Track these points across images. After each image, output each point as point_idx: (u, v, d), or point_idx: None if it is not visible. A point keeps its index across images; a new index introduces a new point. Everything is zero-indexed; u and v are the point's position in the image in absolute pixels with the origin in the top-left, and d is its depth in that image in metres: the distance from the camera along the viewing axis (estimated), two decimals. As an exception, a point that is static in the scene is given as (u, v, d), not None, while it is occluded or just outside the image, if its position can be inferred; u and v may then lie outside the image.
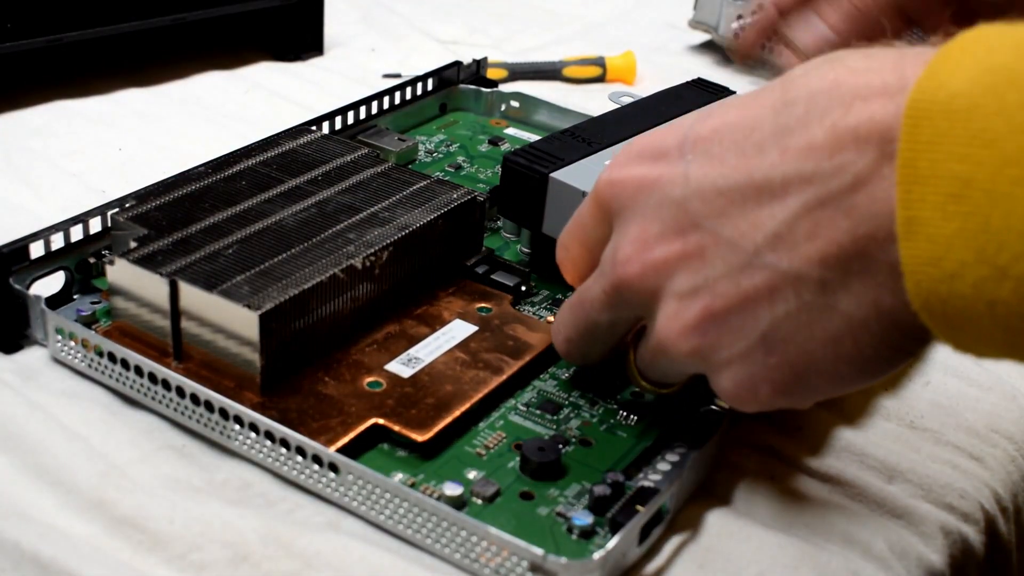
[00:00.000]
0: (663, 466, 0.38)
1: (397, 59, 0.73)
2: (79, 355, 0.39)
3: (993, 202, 0.26)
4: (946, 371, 0.45)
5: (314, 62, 0.72)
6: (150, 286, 0.38)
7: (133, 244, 0.39)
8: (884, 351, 0.31)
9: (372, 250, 0.40)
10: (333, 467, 0.35)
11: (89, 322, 0.41)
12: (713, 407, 0.40)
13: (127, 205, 0.42)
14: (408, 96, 0.58)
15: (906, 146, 0.27)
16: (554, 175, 0.44)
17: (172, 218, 0.41)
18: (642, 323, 0.36)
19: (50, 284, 0.42)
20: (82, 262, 0.43)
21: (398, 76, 0.69)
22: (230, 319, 0.37)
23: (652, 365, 0.37)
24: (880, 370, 0.31)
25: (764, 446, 0.40)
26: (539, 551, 0.32)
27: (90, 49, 0.63)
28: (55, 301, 0.42)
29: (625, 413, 0.39)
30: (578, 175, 0.44)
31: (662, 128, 0.34)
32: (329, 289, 0.38)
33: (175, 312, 0.38)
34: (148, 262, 0.38)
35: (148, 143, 0.59)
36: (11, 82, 0.62)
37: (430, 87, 0.59)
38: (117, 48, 0.66)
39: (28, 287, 0.41)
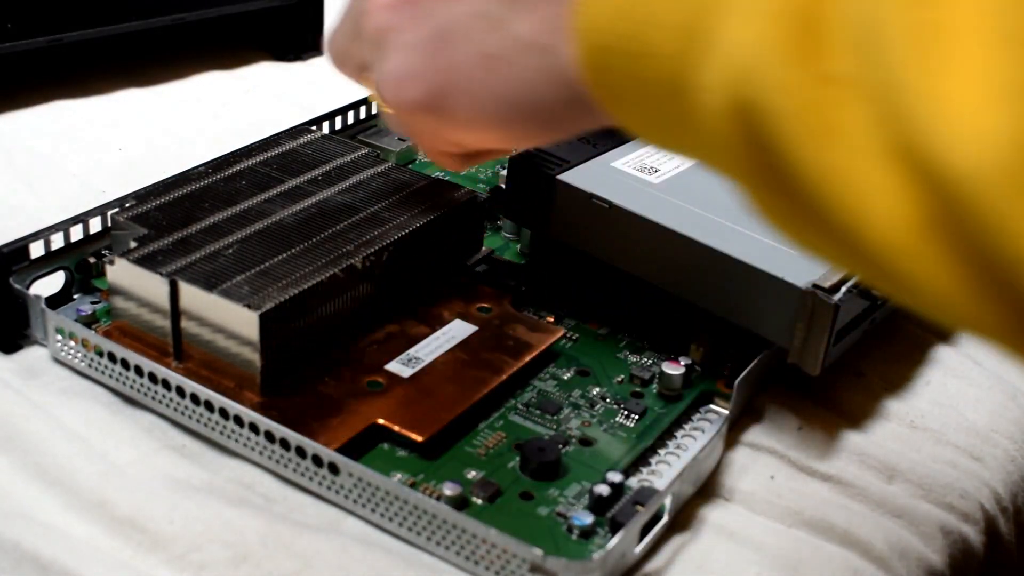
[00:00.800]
0: (663, 466, 0.38)
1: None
2: (79, 355, 0.39)
3: None
4: (946, 371, 0.46)
5: (314, 62, 0.72)
6: (150, 286, 0.38)
7: (133, 244, 0.39)
8: (531, 98, 0.31)
9: (372, 250, 0.40)
10: (333, 467, 0.35)
11: (89, 322, 0.41)
12: (713, 407, 0.41)
13: (127, 205, 0.42)
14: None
15: None
16: (561, 177, 0.44)
17: (172, 218, 0.41)
18: None
19: (50, 284, 0.42)
20: (82, 262, 0.43)
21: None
22: (230, 319, 0.37)
23: (367, 59, 0.37)
24: (523, 121, 0.32)
25: (764, 446, 0.40)
26: (539, 551, 0.32)
27: (90, 49, 0.63)
28: (55, 301, 0.42)
29: (626, 413, 0.40)
30: (585, 177, 0.45)
31: None
32: (329, 289, 0.39)
33: (175, 312, 0.38)
34: (148, 262, 0.38)
35: (148, 143, 0.59)
36: (11, 82, 0.62)
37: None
38: (117, 48, 0.66)
39: (28, 287, 0.41)
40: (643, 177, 0.45)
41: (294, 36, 0.72)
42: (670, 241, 0.42)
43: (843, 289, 0.39)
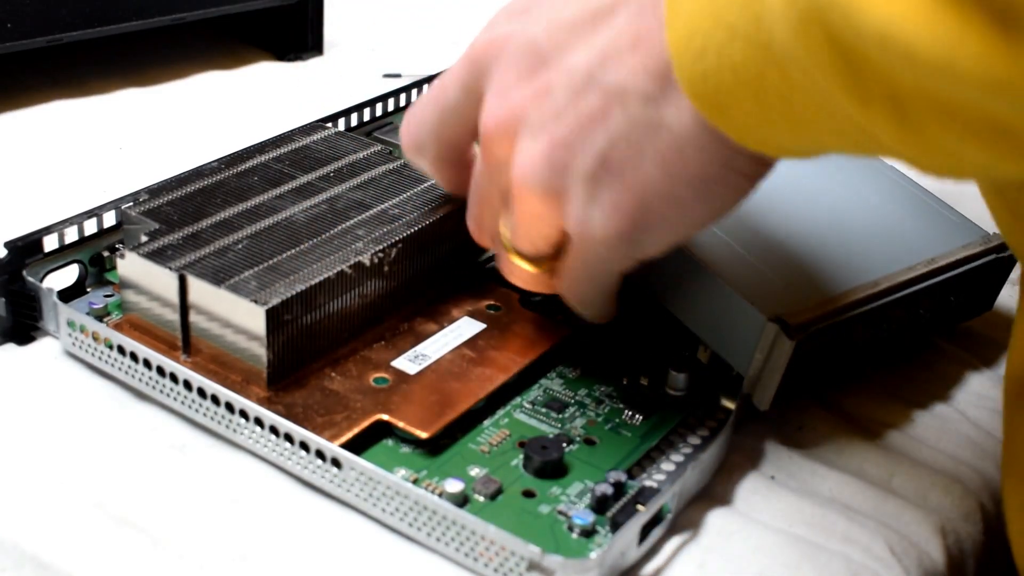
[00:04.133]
0: (667, 466, 0.40)
1: (397, 59, 0.76)
2: (90, 348, 0.42)
3: None
4: (947, 371, 0.48)
5: (314, 62, 0.74)
6: (160, 280, 0.40)
7: (144, 238, 0.41)
8: (713, 169, 0.32)
9: (381, 247, 0.42)
10: (336, 462, 0.37)
11: (101, 315, 0.43)
12: (719, 409, 0.43)
13: (140, 199, 0.44)
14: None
15: None
16: None
17: (184, 213, 0.43)
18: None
19: (67, 277, 0.45)
20: (96, 256, 0.45)
21: (398, 76, 0.72)
22: (237, 313, 0.39)
23: (515, 224, 0.38)
24: (716, 193, 0.33)
25: (765, 446, 0.42)
26: (536, 549, 0.33)
27: (90, 49, 0.66)
28: (69, 294, 0.44)
29: (631, 413, 0.42)
30: None
31: None
32: (337, 285, 0.41)
33: (184, 306, 0.40)
34: (158, 256, 0.40)
35: (148, 143, 0.61)
36: (11, 82, 0.65)
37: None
38: (117, 48, 0.69)
39: (42, 280, 0.43)
40: None
41: (294, 36, 0.74)
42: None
43: (812, 328, 0.39)
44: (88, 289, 0.45)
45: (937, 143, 0.26)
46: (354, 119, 0.56)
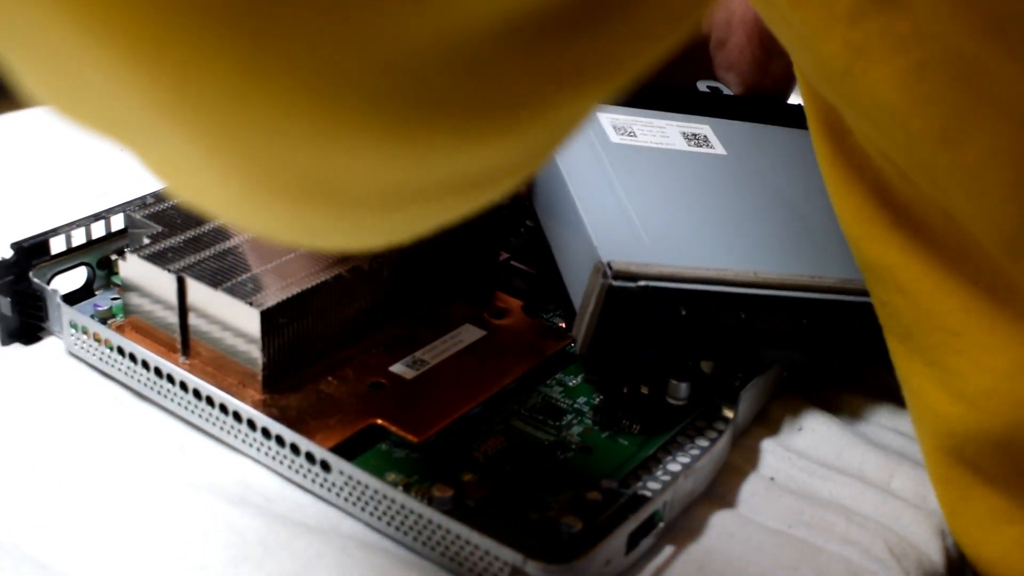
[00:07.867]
0: (663, 475, 0.40)
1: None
2: (92, 349, 0.44)
3: None
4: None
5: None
6: (160, 282, 0.43)
7: (146, 241, 0.44)
8: None
9: (379, 253, 0.44)
10: (325, 465, 0.38)
11: (105, 318, 0.46)
12: (718, 419, 0.43)
13: (146, 203, 0.47)
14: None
15: None
16: None
17: (187, 216, 0.46)
18: None
19: (76, 280, 0.47)
20: (104, 259, 0.48)
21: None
22: (234, 315, 0.41)
23: None
24: None
25: (764, 447, 0.43)
26: (519, 555, 0.34)
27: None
28: (77, 297, 0.47)
29: (628, 421, 0.42)
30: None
31: None
32: (334, 289, 0.43)
33: (183, 308, 0.42)
34: (158, 258, 0.43)
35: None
36: (10, 82, 0.68)
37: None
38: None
39: (49, 281, 0.46)
40: (608, 135, 0.47)
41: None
42: (558, 185, 0.44)
43: (637, 281, 0.39)
44: (96, 292, 0.48)
45: None
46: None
